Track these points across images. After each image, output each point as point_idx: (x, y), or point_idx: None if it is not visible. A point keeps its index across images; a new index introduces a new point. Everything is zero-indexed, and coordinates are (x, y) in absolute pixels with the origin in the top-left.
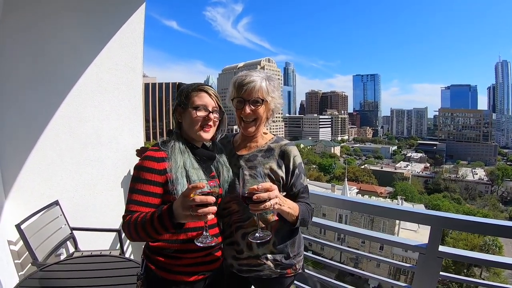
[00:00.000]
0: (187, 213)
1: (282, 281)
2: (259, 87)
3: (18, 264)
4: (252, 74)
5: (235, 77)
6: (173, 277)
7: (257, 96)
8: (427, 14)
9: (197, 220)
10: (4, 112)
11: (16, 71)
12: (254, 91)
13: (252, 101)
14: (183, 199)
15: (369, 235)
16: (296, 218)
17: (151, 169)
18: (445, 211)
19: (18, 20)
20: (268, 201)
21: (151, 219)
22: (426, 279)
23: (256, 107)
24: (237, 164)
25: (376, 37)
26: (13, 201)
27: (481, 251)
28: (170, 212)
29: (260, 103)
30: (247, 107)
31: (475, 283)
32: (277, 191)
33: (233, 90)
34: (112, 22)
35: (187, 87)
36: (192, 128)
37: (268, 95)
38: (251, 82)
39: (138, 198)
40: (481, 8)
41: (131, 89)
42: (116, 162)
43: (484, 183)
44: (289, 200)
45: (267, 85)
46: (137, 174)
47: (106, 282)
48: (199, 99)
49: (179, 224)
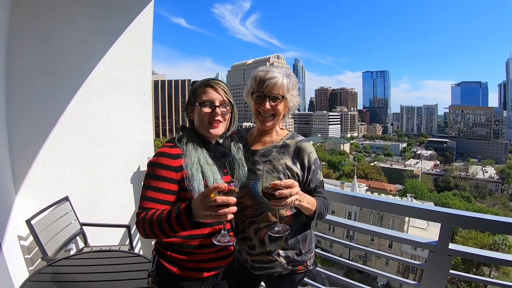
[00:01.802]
0: (207, 213)
1: (293, 277)
2: (281, 84)
3: (28, 259)
4: (273, 70)
5: (256, 71)
6: (185, 273)
7: (277, 93)
8: (438, 9)
9: (217, 220)
10: (14, 109)
11: (25, 67)
12: (275, 87)
13: (272, 97)
14: (203, 198)
15: (378, 231)
16: (314, 212)
17: (167, 166)
18: (455, 209)
19: (27, 15)
20: (290, 197)
21: (168, 217)
22: (435, 276)
23: (276, 103)
24: (251, 159)
25: (386, 33)
26: (23, 197)
27: (491, 250)
28: (188, 211)
29: (280, 99)
30: (267, 102)
31: (484, 282)
32: (298, 187)
33: (254, 84)
34: (121, 18)
35: (197, 83)
36: (201, 124)
37: (288, 92)
38: (273, 78)
39: (153, 195)
40: (492, 3)
41: (140, 85)
42: (125, 158)
43: (494, 181)
44: (307, 196)
45: (287, 82)
46: (152, 171)
47: (115, 277)
48: (205, 94)
49: (197, 223)
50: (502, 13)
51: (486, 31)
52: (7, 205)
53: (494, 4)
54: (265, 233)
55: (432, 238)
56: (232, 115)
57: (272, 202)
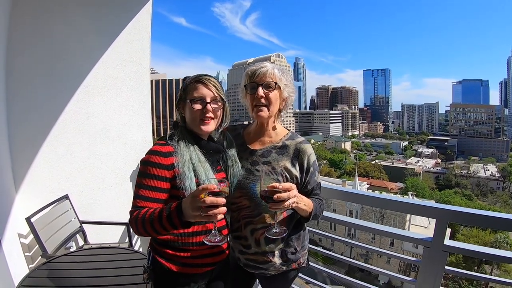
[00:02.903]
0: (197, 213)
1: (286, 275)
2: (272, 72)
3: (29, 257)
4: (264, 63)
5: (247, 69)
6: (180, 269)
7: (270, 80)
8: (438, 7)
9: (206, 220)
10: (14, 107)
11: (25, 67)
12: (267, 74)
13: (265, 85)
14: (193, 199)
15: (375, 228)
16: (310, 213)
17: (159, 164)
18: (450, 205)
19: (26, 15)
20: (287, 200)
21: (159, 216)
22: (431, 273)
23: (269, 91)
24: (250, 159)
25: (386, 31)
26: (23, 195)
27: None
28: (179, 210)
29: (273, 87)
30: (260, 89)
31: (481, 278)
32: (296, 190)
33: (246, 78)
34: (119, 18)
35: (187, 79)
36: (192, 121)
37: (281, 81)
38: (263, 67)
39: (146, 194)
40: (493, 1)
41: (139, 84)
42: (125, 157)
43: (495, 180)
44: (304, 198)
45: (279, 72)
46: (144, 169)
47: (114, 273)
48: (196, 91)
49: (187, 223)
50: (503, 10)
51: (487, 28)
52: (7, 203)
53: (495, 1)
54: (261, 234)
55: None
56: (223, 112)
57: (270, 205)
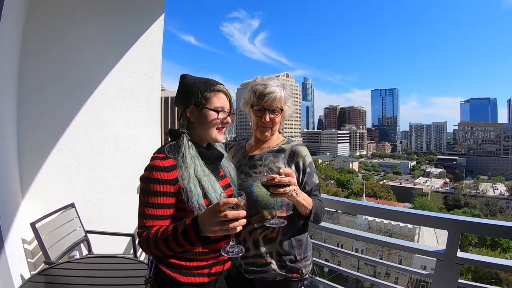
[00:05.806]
0: (217, 228)
1: (288, 285)
2: (279, 97)
3: (31, 263)
4: (270, 83)
5: (254, 84)
6: (185, 278)
7: (276, 106)
8: (445, 26)
9: (226, 233)
10: (25, 114)
11: (37, 75)
12: (275, 101)
13: (271, 110)
14: (213, 214)
15: (385, 241)
16: (310, 211)
17: (162, 180)
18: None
19: (41, 24)
20: (288, 186)
21: (174, 234)
22: (443, 286)
23: (275, 115)
24: (248, 163)
25: (394, 51)
26: (29, 201)
27: None
28: (195, 226)
29: (279, 112)
30: (267, 115)
31: None
32: (295, 179)
33: (253, 98)
34: (133, 31)
35: (203, 85)
36: (208, 129)
37: (285, 104)
38: (272, 93)
39: (153, 212)
40: (500, 18)
41: (149, 96)
42: (133, 168)
43: (505, 199)
44: (303, 193)
45: (284, 94)
46: (146, 187)
47: (117, 282)
48: (218, 100)
49: (204, 237)
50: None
51: (494, 46)
52: (13, 208)
53: (502, 19)
54: (260, 234)
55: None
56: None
57: (271, 190)
